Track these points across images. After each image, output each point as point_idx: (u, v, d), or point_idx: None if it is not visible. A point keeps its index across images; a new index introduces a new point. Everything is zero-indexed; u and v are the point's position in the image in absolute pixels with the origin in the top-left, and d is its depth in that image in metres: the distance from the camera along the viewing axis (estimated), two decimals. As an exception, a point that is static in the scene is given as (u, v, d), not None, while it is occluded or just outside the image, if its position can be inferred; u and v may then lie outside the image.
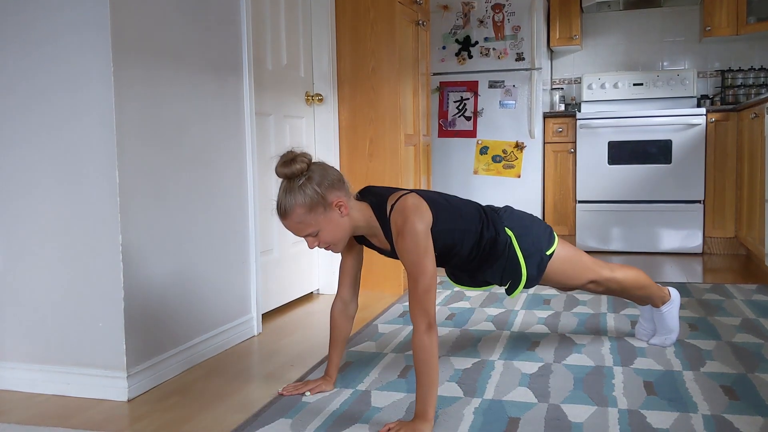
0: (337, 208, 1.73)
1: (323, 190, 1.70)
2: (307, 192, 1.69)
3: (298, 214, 1.70)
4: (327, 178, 1.72)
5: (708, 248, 4.65)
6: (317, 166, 1.74)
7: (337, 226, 1.74)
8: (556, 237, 2.09)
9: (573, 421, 1.72)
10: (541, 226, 2.09)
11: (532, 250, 2.00)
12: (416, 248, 1.70)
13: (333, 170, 1.76)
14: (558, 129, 4.84)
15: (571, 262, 2.10)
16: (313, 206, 1.70)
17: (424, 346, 1.65)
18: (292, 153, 1.72)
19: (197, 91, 2.34)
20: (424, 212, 1.76)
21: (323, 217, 1.72)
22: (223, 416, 1.85)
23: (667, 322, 2.32)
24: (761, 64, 5.01)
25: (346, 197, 1.76)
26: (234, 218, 2.57)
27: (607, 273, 2.17)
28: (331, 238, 1.76)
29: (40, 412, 1.92)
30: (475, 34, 4.77)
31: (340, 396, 1.94)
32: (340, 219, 1.74)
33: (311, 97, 3.39)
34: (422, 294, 1.67)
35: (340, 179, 1.76)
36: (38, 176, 2.04)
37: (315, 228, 1.72)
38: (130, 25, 2.00)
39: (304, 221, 1.71)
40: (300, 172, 1.70)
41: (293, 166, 1.69)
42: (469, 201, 2.03)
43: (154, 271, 2.13)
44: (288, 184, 1.71)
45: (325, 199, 1.70)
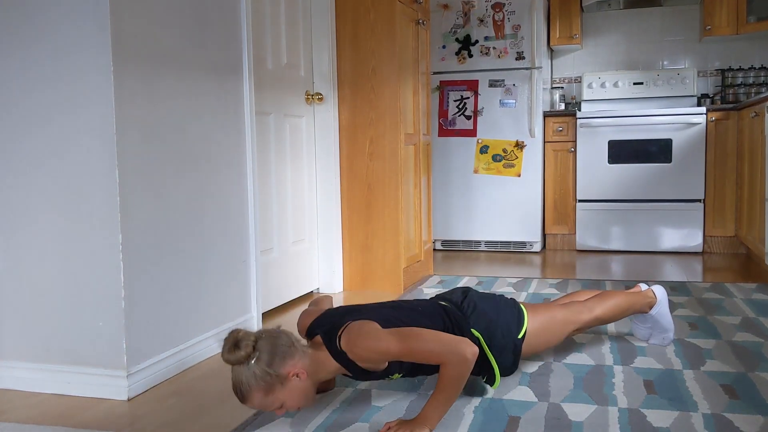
0: (295, 376, 1.65)
1: (276, 368, 1.61)
2: (258, 375, 1.59)
3: (257, 398, 1.62)
4: (277, 353, 1.62)
5: (708, 247, 4.65)
6: (264, 342, 1.63)
7: (299, 392, 1.66)
8: (524, 313, 2.00)
9: (573, 420, 1.72)
10: (508, 310, 1.99)
11: (503, 343, 1.92)
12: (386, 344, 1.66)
13: (281, 338, 1.66)
14: (558, 128, 4.84)
15: (546, 330, 2.03)
16: (269, 387, 1.61)
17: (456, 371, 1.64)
18: (234, 336, 1.62)
19: (197, 90, 2.34)
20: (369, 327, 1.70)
21: (282, 392, 1.63)
22: (223, 415, 1.85)
23: (661, 322, 2.32)
24: (761, 63, 5.01)
25: (302, 359, 1.67)
26: (234, 217, 2.57)
27: (586, 317, 2.11)
28: (298, 404, 1.68)
29: (40, 411, 1.92)
30: (476, 33, 4.77)
31: (339, 395, 1.94)
32: (301, 384, 1.66)
33: (311, 96, 3.39)
34: (426, 353, 1.65)
35: (290, 344, 1.66)
36: (38, 176, 2.04)
37: (278, 403, 1.65)
38: (129, 24, 2.00)
39: (264, 403, 1.63)
40: (247, 357, 1.59)
41: (238, 352, 1.59)
42: (430, 305, 1.94)
43: (155, 270, 2.13)
44: (238, 369, 1.61)
45: (279, 375, 1.61)
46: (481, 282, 3.61)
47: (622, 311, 2.22)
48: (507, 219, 4.79)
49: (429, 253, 3.97)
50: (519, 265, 4.27)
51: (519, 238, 4.80)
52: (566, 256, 4.66)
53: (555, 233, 4.94)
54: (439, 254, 4.79)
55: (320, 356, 1.72)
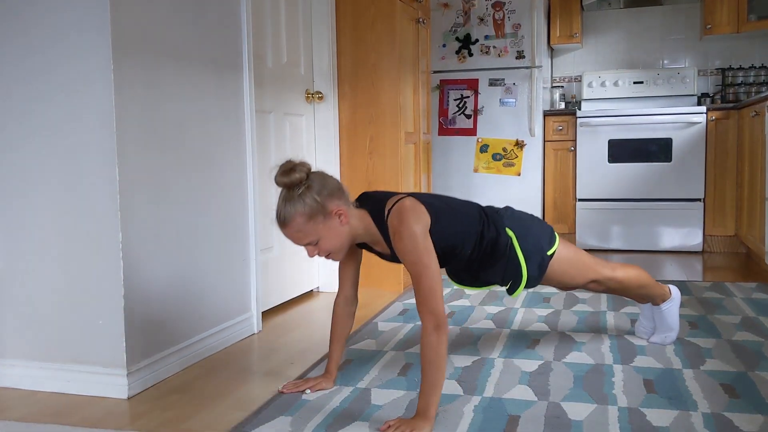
0: (337, 216, 1.72)
1: (323, 199, 1.69)
2: (306, 201, 1.68)
3: (298, 223, 1.69)
4: (326, 186, 1.72)
5: (708, 246, 4.65)
6: (316, 175, 1.73)
7: (337, 234, 1.74)
8: (557, 237, 2.09)
9: (573, 419, 1.72)
10: (542, 227, 2.09)
11: (533, 250, 2.00)
12: (415, 248, 1.70)
13: (332, 179, 1.76)
14: (558, 127, 4.84)
15: (572, 262, 2.11)
16: (312, 215, 1.69)
17: (431, 345, 1.65)
18: (291, 162, 1.71)
19: (197, 88, 2.33)
20: (421, 214, 1.76)
21: (323, 225, 1.71)
22: (223, 414, 1.85)
23: (667, 320, 2.32)
24: (762, 62, 5.01)
25: (346, 206, 1.76)
26: (234, 215, 2.57)
27: (608, 272, 2.17)
28: (331, 247, 1.75)
29: (40, 409, 1.92)
30: (476, 32, 4.77)
31: (340, 394, 1.94)
32: (340, 227, 1.74)
33: (311, 94, 3.39)
34: (427, 293, 1.67)
35: (340, 188, 1.76)
36: (39, 174, 2.04)
37: (315, 237, 1.72)
38: (130, 23, 2.00)
39: (303, 230, 1.70)
40: (299, 181, 1.69)
41: (292, 175, 1.68)
42: (468, 202, 2.04)
43: (154, 268, 2.13)
44: (287, 193, 1.70)
45: (324, 207, 1.70)
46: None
47: (640, 284, 2.24)
48: (507, 218, 4.78)
49: (429, 252, 3.96)
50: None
51: (519, 237, 4.79)
52: (566, 255, 4.65)
53: (555, 232, 4.93)
54: (439, 253, 4.79)
55: (364, 216, 1.81)
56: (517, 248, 1.98)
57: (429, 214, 1.78)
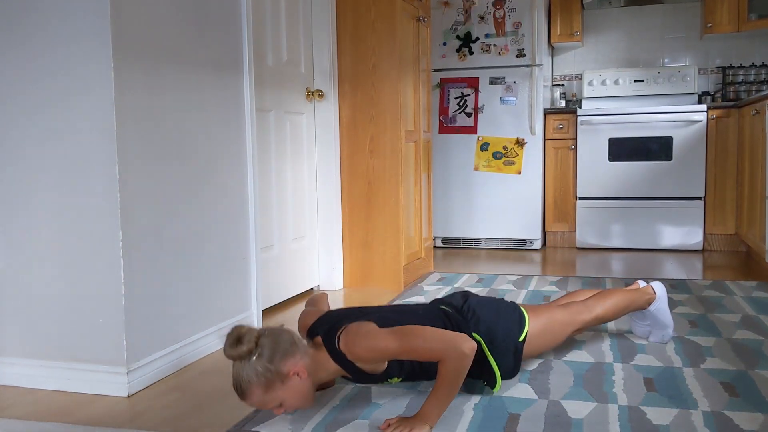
0: (295, 375, 1.65)
1: (276, 365, 1.61)
2: (259, 372, 1.59)
3: (257, 395, 1.62)
4: (278, 350, 1.62)
5: (708, 245, 4.65)
6: (266, 338, 1.63)
7: (299, 392, 1.66)
8: (525, 316, 2.00)
9: (573, 418, 1.72)
10: (509, 313, 1.99)
11: (504, 347, 1.92)
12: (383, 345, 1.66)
13: (284, 336, 1.67)
14: (559, 125, 4.83)
15: (547, 332, 2.04)
16: (269, 384, 1.61)
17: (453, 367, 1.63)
18: (237, 331, 1.62)
19: (197, 88, 2.33)
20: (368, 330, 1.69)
21: (282, 390, 1.63)
22: (224, 412, 1.85)
23: (660, 319, 2.32)
24: (762, 60, 5.00)
25: (303, 359, 1.67)
26: (234, 214, 2.57)
27: (586, 317, 2.13)
28: (297, 404, 1.68)
29: (40, 407, 1.92)
30: (476, 30, 4.76)
31: (339, 392, 1.94)
32: (301, 384, 1.66)
33: (312, 93, 3.39)
34: (425, 350, 1.65)
35: (293, 343, 1.67)
36: (40, 174, 2.04)
37: (278, 401, 1.65)
38: (130, 24, 2.00)
39: (263, 400, 1.63)
40: (248, 352, 1.60)
41: (240, 347, 1.59)
42: (431, 310, 1.94)
43: (154, 267, 2.13)
44: (239, 364, 1.61)
45: (280, 373, 1.61)
46: (481, 279, 3.61)
47: (622, 309, 2.23)
48: (507, 216, 4.79)
49: (429, 251, 3.97)
50: (519, 263, 4.27)
51: (519, 236, 4.80)
52: (566, 253, 4.66)
53: (555, 231, 4.94)
54: (440, 251, 4.79)
55: (321, 356, 1.72)
56: (487, 353, 1.89)
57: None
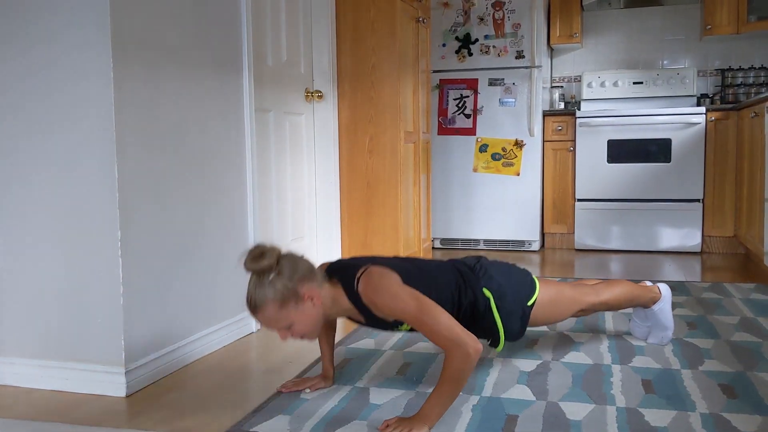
0: (309, 300, 1.68)
1: (294, 284, 1.65)
2: (277, 287, 1.63)
3: (270, 310, 1.65)
4: (297, 271, 1.67)
5: (707, 247, 4.66)
6: (287, 259, 1.68)
7: (309, 317, 1.69)
8: (536, 283, 2.04)
9: (571, 419, 1.72)
10: (520, 276, 2.03)
11: (512, 307, 1.95)
12: (398, 301, 1.67)
13: (303, 261, 1.71)
14: (557, 127, 4.84)
15: (554, 303, 2.06)
16: (284, 302, 1.64)
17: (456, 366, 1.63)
18: (260, 247, 1.65)
19: (197, 87, 2.33)
20: (389, 276, 1.72)
21: (295, 311, 1.66)
22: (222, 412, 1.85)
23: (661, 320, 2.32)
24: (761, 63, 5.01)
25: (318, 287, 1.71)
26: (233, 214, 2.57)
27: (593, 299, 2.15)
28: (305, 330, 1.71)
29: (38, 407, 1.92)
30: (476, 31, 4.77)
31: (338, 393, 1.94)
32: (313, 310, 1.69)
33: (311, 93, 3.39)
34: (434, 330, 1.64)
35: (311, 269, 1.71)
36: (38, 173, 2.04)
37: (287, 322, 1.67)
38: (130, 20, 2.00)
39: (275, 317, 1.66)
40: (269, 268, 1.64)
41: (262, 261, 1.63)
42: (444, 265, 1.96)
43: (153, 266, 2.12)
44: (257, 279, 1.65)
45: (296, 293, 1.65)
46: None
47: (628, 300, 2.24)
48: (506, 218, 4.79)
49: (428, 252, 3.97)
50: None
51: (518, 237, 4.80)
52: (565, 255, 4.66)
53: (554, 232, 4.94)
54: (438, 252, 4.79)
55: (336, 293, 1.76)
56: (494, 309, 1.92)
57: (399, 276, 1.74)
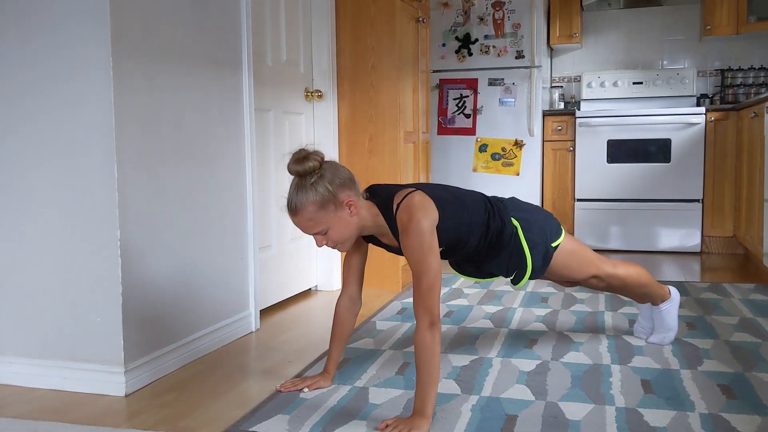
0: (348, 207, 1.73)
1: (334, 189, 1.70)
2: (318, 189, 1.69)
3: (309, 211, 1.70)
4: (338, 176, 1.72)
5: (706, 247, 4.66)
6: (329, 164, 1.74)
7: (346, 225, 1.75)
8: (563, 230, 2.11)
9: (570, 419, 1.72)
10: (548, 218, 2.11)
11: (537, 240, 2.02)
12: (420, 246, 1.71)
13: (344, 169, 1.77)
14: (557, 127, 4.84)
15: (575, 255, 2.12)
16: (324, 204, 1.70)
17: (426, 343, 1.65)
18: (304, 151, 1.72)
19: (197, 85, 2.33)
20: (430, 210, 1.76)
21: (333, 215, 1.72)
22: (221, 412, 1.85)
23: (666, 320, 2.33)
24: (761, 63, 5.01)
25: (357, 197, 1.77)
26: (232, 214, 2.57)
27: (609, 269, 2.18)
28: (340, 237, 1.76)
29: (37, 406, 1.92)
30: (475, 31, 4.77)
31: (337, 392, 1.94)
32: (350, 218, 1.75)
33: (311, 93, 3.39)
34: (426, 291, 1.68)
35: (351, 179, 1.77)
36: (36, 171, 2.04)
37: (324, 226, 1.73)
38: (130, 18, 2.00)
39: (314, 218, 1.71)
40: (312, 170, 1.70)
41: (306, 163, 1.69)
42: (473, 192, 2.04)
43: (152, 266, 2.12)
44: (300, 181, 1.71)
45: (336, 197, 1.71)
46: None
47: (640, 285, 2.25)
48: (505, 218, 4.78)
49: (427, 251, 3.96)
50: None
51: (517, 237, 4.79)
52: (564, 255, 4.65)
53: (553, 232, 4.93)
54: (438, 252, 4.79)
55: (373, 208, 1.82)
56: (522, 238, 1.99)
57: (437, 208, 1.78)
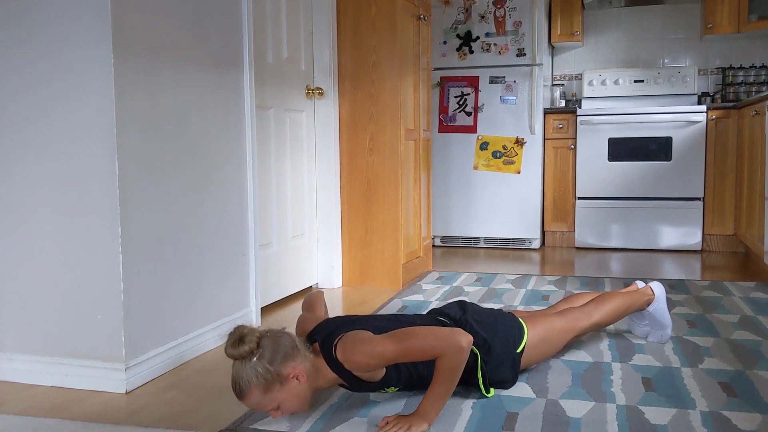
0: (295, 379, 1.65)
1: (277, 367, 1.61)
2: (260, 372, 1.59)
3: (255, 395, 1.62)
4: (279, 352, 1.62)
5: (707, 245, 4.66)
6: (268, 340, 1.63)
7: (297, 395, 1.66)
8: (524, 328, 2.00)
9: (571, 417, 1.72)
10: (507, 325, 1.98)
11: (501, 358, 1.91)
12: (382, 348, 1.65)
13: (285, 339, 1.67)
14: (558, 125, 4.83)
15: (545, 341, 2.04)
16: (268, 386, 1.61)
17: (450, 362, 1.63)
18: (239, 330, 1.62)
19: (198, 83, 2.33)
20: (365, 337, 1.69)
21: (281, 392, 1.63)
22: (221, 409, 1.85)
23: (658, 319, 2.32)
24: (762, 61, 5.00)
25: (303, 362, 1.67)
26: (233, 211, 2.57)
27: (584, 323, 2.14)
28: (295, 407, 1.68)
29: (38, 403, 1.92)
30: (477, 29, 4.76)
31: (338, 390, 1.94)
32: (299, 387, 1.66)
33: (312, 90, 3.39)
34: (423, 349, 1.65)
35: (293, 346, 1.67)
36: (38, 169, 2.04)
37: (275, 404, 1.65)
38: (131, 16, 2.00)
39: (262, 402, 1.63)
40: (250, 353, 1.60)
41: (241, 347, 1.59)
42: (428, 319, 1.93)
43: (153, 263, 2.12)
44: (240, 364, 1.61)
45: (280, 375, 1.61)
46: (480, 278, 3.61)
47: (621, 314, 2.23)
48: (506, 216, 4.79)
49: (428, 249, 3.97)
50: (518, 262, 4.27)
51: (518, 235, 4.80)
52: (565, 253, 4.66)
53: (554, 230, 4.94)
54: (439, 250, 4.79)
55: (319, 363, 1.71)
56: (479, 366, 1.87)
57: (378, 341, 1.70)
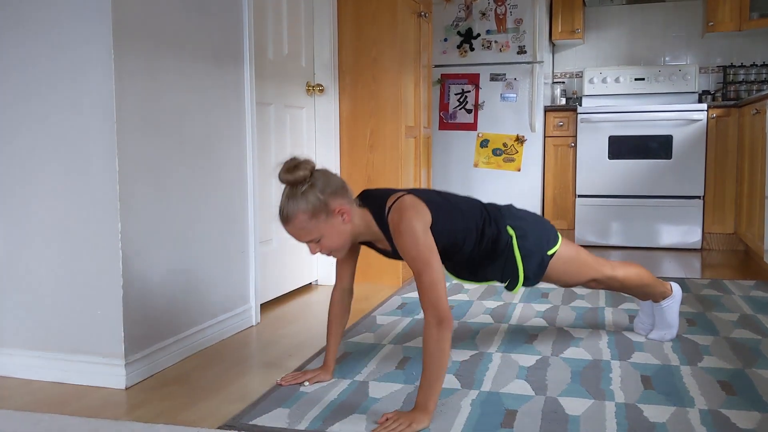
0: (340, 215, 1.72)
1: (326, 197, 1.69)
2: (309, 198, 1.68)
3: (301, 220, 1.69)
4: (330, 185, 1.71)
5: (707, 244, 4.66)
6: (320, 173, 1.73)
7: (339, 233, 1.74)
8: (559, 236, 2.09)
9: (570, 414, 1.72)
10: (544, 226, 2.09)
11: (533, 249, 2.00)
12: (415, 245, 1.70)
13: (336, 177, 1.76)
14: (559, 123, 4.83)
15: (572, 262, 2.11)
16: (315, 213, 1.69)
17: (433, 339, 1.65)
18: (295, 159, 1.71)
19: (198, 79, 2.33)
20: (421, 211, 1.75)
21: (325, 224, 1.71)
22: (221, 405, 1.86)
23: (667, 317, 2.33)
24: (763, 60, 5.00)
25: (349, 204, 1.76)
26: (233, 208, 2.57)
27: (608, 271, 2.17)
28: (333, 245, 1.75)
29: (37, 398, 1.93)
30: (477, 26, 4.76)
31: (338, 386, 1.94)
32: (342, 226, 1.74)
33: (312, 87, 3.39)
34: (428, 288, 1.67)
35: (343, 186, 1.76)
36: (38, 165, 2.04)
37: (317, 235, 1.72)
38: (131, 12, 1.99)
39: (306, 228, 1.70)
40: (303, 179, 1.69)
41: (296, 172, 1.68)
42: (470, 198, 2.03)
43: (153, 259, 2.12)
44: (291, 190, 1.70)
45: (327, 206, 1.70)
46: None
47: (640, 284, 2.25)
48: (506, 213, 4.78)
49: (428, 246, 3.96)
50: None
51: (518, 233, 4.79)
52: (565, 251, 4.65)
53: (554, 228, 4.94)
54: (438, 247, 4.79)
55: (365, 215, 1.81)
56: (515, 247, 1.98)
57: (429, 210, 1.78)
